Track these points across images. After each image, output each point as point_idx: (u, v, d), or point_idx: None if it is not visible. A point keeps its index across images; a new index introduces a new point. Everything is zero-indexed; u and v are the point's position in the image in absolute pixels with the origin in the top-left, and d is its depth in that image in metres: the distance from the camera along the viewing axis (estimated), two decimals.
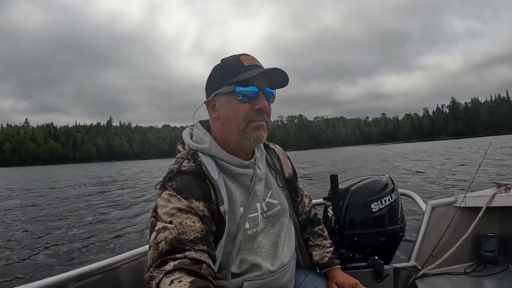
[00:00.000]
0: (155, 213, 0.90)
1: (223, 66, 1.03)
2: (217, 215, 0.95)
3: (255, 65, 1.01)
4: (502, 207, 1.68)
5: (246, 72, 0.98)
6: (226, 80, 1.00)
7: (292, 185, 1.26)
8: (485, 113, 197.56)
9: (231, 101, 1.00)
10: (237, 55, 1.04)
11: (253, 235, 1.05)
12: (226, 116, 1.02)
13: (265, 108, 1.01)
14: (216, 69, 1.05)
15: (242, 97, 0.99)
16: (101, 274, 1.27)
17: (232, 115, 1.01)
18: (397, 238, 1.69)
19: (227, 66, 1.02)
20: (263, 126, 1.03)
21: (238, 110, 0.99)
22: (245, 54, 1.04)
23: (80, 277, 1.20)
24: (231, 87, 0.99)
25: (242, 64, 1.00)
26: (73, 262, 4.76)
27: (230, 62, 1.03)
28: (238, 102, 0.99)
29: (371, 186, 1.68)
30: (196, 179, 0.96)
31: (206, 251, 0.84)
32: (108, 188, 15.53)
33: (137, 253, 1.40)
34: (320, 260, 1.28)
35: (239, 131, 1.01)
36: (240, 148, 1.06)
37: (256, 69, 0.99)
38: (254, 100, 1.00)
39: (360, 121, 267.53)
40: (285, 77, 1.03)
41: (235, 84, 0.98)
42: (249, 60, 1.02)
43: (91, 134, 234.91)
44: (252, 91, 0.99)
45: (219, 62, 1.06)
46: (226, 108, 1.01)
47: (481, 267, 1.62)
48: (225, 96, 1.01)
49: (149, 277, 0.80)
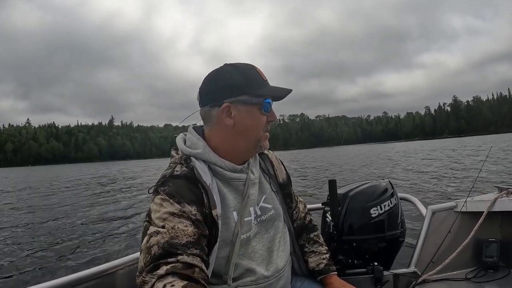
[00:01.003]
0: (148, 218, 0.92)
1: (243, 74, 1.02)
2: (209, 219, 0.95)
3: (267, 80, 1.07)
4: (503, 212, 1.66)
5: (269, 87, 1.05)
6: (249, 89, 1.01)
7: (286, 191, 1.26)
8: (487, 112, 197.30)
9: (254, 111, 1.03)
10: (251, 66, 1.06)
11: (246, 240, 1.05)
12: (244, 125, 1.03)
13: (275, 120, 1.09)
14: (229, 73, 1.03)
15: (267, 110, 1.04)
16: (96, 280, 1.27)
17: (253, 125, 1.04)
18: (397, 244, 1.67)
19: (248, 76, 1.03)
20: (268, 136, 1.10)
21: (259, 121, 1.04)
22: (255, 66, 1.07)
23: (76, 282, 1.20)
24: (257, 99, 1.01)
25: (261, 78, 1.04)
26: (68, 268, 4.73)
27: (250, 72, 1.04)
28: (260, 113, 1.03)
29: (370, 191, 1.67)
30: (189, 183, 0.96)
31: (198, 255, 0.85)
32: (105, 191, 15.46)
33: (133, 259, 1.40)
34: (316, 267, 1.28)
35: (256, 140, 1.06)
36: (244, 155, 1.09)
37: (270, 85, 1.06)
38: (268, 113, 1.05)
39: (362, 120, 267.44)
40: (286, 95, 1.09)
41: (261, 96, 1.02)
42: (263, 75, 1.06)
43: (93, 133, 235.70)
44: (269, 105, 1.04)
45: (226, 65, 1.05)
46: (246, 118, 1.02)
47: (482, 273, 1.60)
48: (246, 106, 1.01)
49: (141, 281, 0.81)
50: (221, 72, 1.05)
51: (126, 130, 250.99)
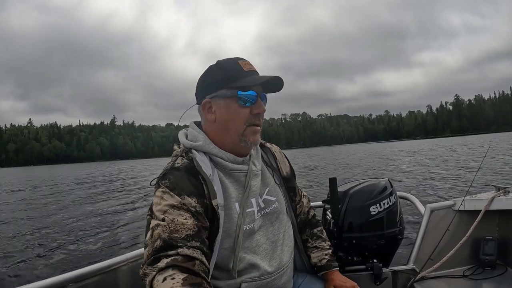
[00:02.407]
0: (150, 211, 0.92)
1: (221, 69, 1.04)
2: (210, 209, 0.96)
3: (252, 70, 1.04)
4: (501, 211, 1.67)
5: (247, 78, 1.01)
6: (226, 83, 1.02)
7: (290, 184, 1.26)
8: (489, 110, 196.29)
9: (231, 105, 1.02)
10: (234, 59, 1.05)
11: (250, 232, 1.05)
12: (224, 119, 1.04)
13: (263, 112, 1.05)
14: (212, 71, 1.06)
15: (245, 102, 1.01)
16: (99, 276, 1.28)
17: (232, 119, 1.03)
18: (395, 241, 1.68)
19: (226, 70, 1.03)
20: (259, 131, 1.07)
21: (238, 114, 1.02)
22: (242, 58, 1.06)
23: (79, 278, 1.21)
24: (232, 92, 1.01)
25: (242, 69, 1.03)
26: (71, 264, 4.76)
27: (229, 66, 1.04)
28: (238, 106, 1.02)
29: (370, 189, 1.68)
30: (188, 175, 0.97)
31: (199, 248, 0.86)
32: (107, 188, 15.50)
33: (135, 255, 1.41)
34: (319, 262, 1.28)
35: (237, 134, 1.03)
36: (234, 150, 1.07)
37: (256, 75, 1.03)
38: (253, 105, 1.02)
39: (364, 119, 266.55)
40: (280, 84, 1.07)
41: (236, 89, 1.00)
42: (247, 66, 1.04)
43: (95, 133, 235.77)
44: (251, 96, 1.01)
45: (215, 63, 1.07)
46: (225, 112, 1.03)
47: (479, 270, 1.62)
48: (224, 100, 1.02)
49: (143, 274, 0.82)
50: (206, 71, 1.08)
51: (128, 130, 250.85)
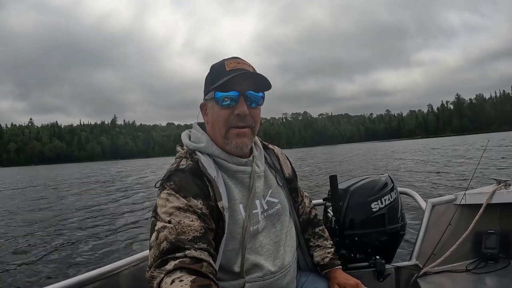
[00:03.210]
0: (155, 213, 0.91)
1: (210, 70, 1.05)
2: (215, 211, 0.96)
3: (237, 68, 0.99)
4: (502, 204, 1.68)
5: (227, 78, 0.97)
6: (211, 85, 1.01)
7: (292, 185, 1.26)
8: (490, 110, 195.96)
9: (214, 106, 1.02)
10: (225, 59, 1.04)
11: (254, 233, 1.05)
12: (212, 122, 1.05)
13: (243, 113, 0.99)
14: (208, 73, 1.07)
15: (223, 103, 0.99)
16: (101, 281, 1.26)
17: (216, 121, 1.02)
18: (398, 237, 1.69)
19: (213, 71, 1.04)
20: (245, 133, 1.02)
21: (219, 116, 1.01)
22: (234, 57, 1.04)
23: (80, 284, 1.19)
24: (211, 93, 1.01)
25: (224, 68, 1.00)
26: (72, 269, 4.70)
27: (215, 67, 1.04)
28: (219, 108, 1.00)
29: (371, 186, 1.68)
30: (194, 177, 0.97)
31: (206, 250, 0.85)
32: (108, 191, 15.45)
33: (137, 259, 1.39)
34: (321, 261, 1.28)
35: (221, 137, 1.03)
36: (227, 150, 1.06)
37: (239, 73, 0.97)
38: (234, 105, 0.99)
39: (364, 118, 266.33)
40: (265, 79, 1.00)
41: (215, 89, 0.99)
42: (233, 64, 1.01)
43: (96, 133, 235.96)
44: (232, 96, 0.98)
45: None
46: (211, 113, 1.04)
47: (482, 264, 1.63)
48: (210, 102, 1.03)
49: (150, 276, 0.81)
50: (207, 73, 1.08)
51: (129, 129, 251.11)
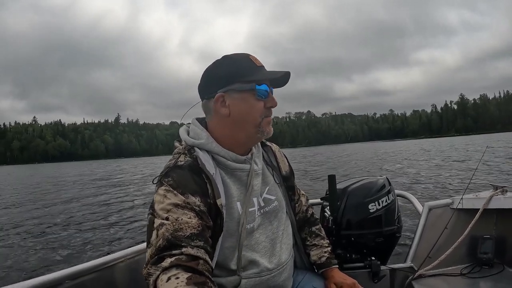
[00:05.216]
0: (152, 210, 0.91)
1: (234, 63, 1.04)
2: (214, 209, 0.96)
3: (262, 66, 1.07)
4: (498, 210, 1.68)
5: (261, 72, 1.04)
6: (240, 77, 1.02)
7: (289, 183, 1.26)
8: (494, 110, 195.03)
9: (248, 98, 1.02)
10: (245, 54, 1.06)
11: (250, 230, 1.06)
12: (240, 113, 1.03)
13: (275, 106, 1.07)
14: (222, 65, 1.06)
15: (261, 95, 1.03)
16: (96, 273, 1.27)
17: (249, 112, 1.03)
18: (393, 239, 1.69)
19: (239, 64, 1.04)
20: (271, 122, 1.09)
21: (255, 107, 1.03)
22: (250, 54, 1.07)
23: (75, 275, 1.20)
24: (249, 85, 1.01)
25: (254, 64, 1.04)
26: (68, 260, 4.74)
27: (241, 61, 1.05)
28: (255, 99, 1.02)
29: (369, 187, 1.69)
30: (192, 173, 0.97)
31: (203, 247, 0.85)
32: (105, 185, 15.48)
33: (133, 252, 1.40)
34: (318, 260, 1.28)
35: (255, 126, 1.04)
36: (246, 143, 1.09)
37: (265, 70, 1.06)
38: (266, 99, 1.05)
39: (368, 117, 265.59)
40: (287, 79, 1.10)
41: (252, 82, 1.01)
42: (258, 61, 1.06)
43: (99, 131, 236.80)
44: (265, 90, 1.04)
45: (221, 58, 1.07)
46: (241, 105, 1.03)
47: (477, 269, 1.63)
48: (239, 93, 1.02)
49: (146, 273, 0.81)
50: (214, 65, 1.07)
51: (132, 128, 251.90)
